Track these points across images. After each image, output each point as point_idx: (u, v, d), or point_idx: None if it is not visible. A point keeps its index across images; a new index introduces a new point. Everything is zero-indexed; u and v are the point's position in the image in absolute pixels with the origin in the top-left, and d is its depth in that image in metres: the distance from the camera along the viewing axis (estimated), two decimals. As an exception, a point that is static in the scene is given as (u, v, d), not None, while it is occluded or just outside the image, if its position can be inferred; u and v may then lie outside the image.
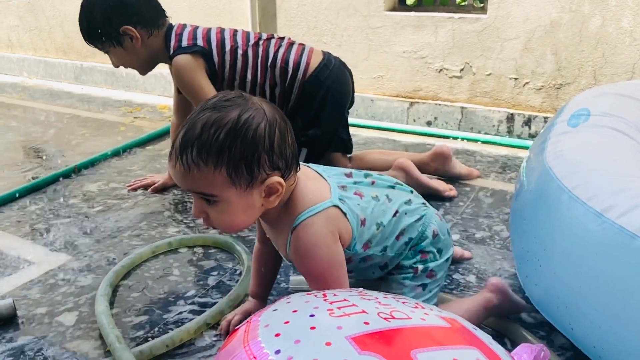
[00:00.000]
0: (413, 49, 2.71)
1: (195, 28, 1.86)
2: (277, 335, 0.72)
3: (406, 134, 2.66)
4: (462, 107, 2.66)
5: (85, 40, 1.81)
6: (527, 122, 2.53)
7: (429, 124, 2.75)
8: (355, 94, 2.86)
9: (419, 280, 1.17)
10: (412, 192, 1.23)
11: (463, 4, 2.74)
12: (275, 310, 0.80)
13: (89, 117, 3.15)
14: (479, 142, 2.51)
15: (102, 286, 1.42)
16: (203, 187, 0.95)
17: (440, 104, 2.70)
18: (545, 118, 2.48)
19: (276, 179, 0.97)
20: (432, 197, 1.92)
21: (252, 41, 1.86)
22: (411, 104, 2.77)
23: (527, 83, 2.52)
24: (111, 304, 1.39)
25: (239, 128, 0.92)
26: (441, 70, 2.68)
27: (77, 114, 3.20)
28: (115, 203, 1.99)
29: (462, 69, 2.63)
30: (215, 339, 1.26)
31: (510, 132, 2.58)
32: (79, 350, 1.24)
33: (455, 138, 2.57)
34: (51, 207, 1.97)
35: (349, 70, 2.00)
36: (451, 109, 2.68)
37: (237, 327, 0.81)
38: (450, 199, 1.92)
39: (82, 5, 1.79)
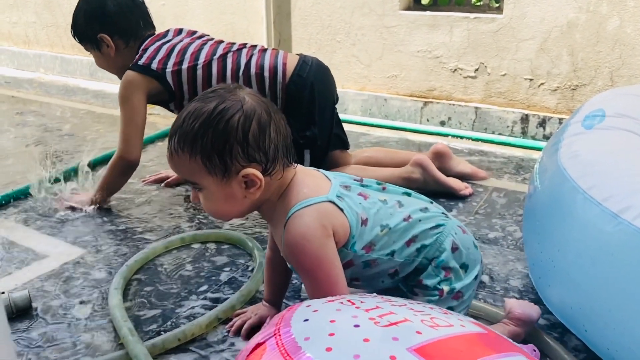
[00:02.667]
0: (427, 49, 2.70)
1: (162, 45, 1.85)
2: (329, 349, 0.66)
3: (419, 134, 2.66)
4: (476, 108, 2.64)
5: (73, 36, 1.91)
6: (542, 123, 2.51)
7: (442, 124, 2.74)
8: (369, 92, 2.88)
9: (445, 303, 1.08)
10: (431, 202, 1.16)
11: (479, 3, 2.73)
12: (307, 320, 0.75)
13: (104, 113, 3.17)
14: (493, 143, 2.50)
15: (115, 280, 1.43)
16: (185, 174, 1.01)
17: (454, 104, 2.69)
18: (560, 119, 2.46)
19: (251, 171, 0.97)
20: (448, 195, 1.91)
21: (218, 54, 1.84)
22: (425, 103, 2.76)
23: (542, 84, 2.50)
24: (124, 297, 1.40)
25: (212, 119, 0.96)
26: (456, 70, 2.67)
27: (92, 109, 3.23)
28: (129, 198, 2.00)
29: (476, 69, 2.62)
30: (227, 333, 1.27)
31: (524, 133, 2.56)
32: (92, 342, 1.25)
33: (468, 138, 2.56)
34: (66, 201, 1.99)
35: (327, 68, 1.97)
36: (465, 109, 2.67)
37: (260, 342, 0.75)
38: (465, 197, 1.91)
39: (76, 5, 1.89)
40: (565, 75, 2.44)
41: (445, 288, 1.07)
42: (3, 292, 1.35)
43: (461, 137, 2.58)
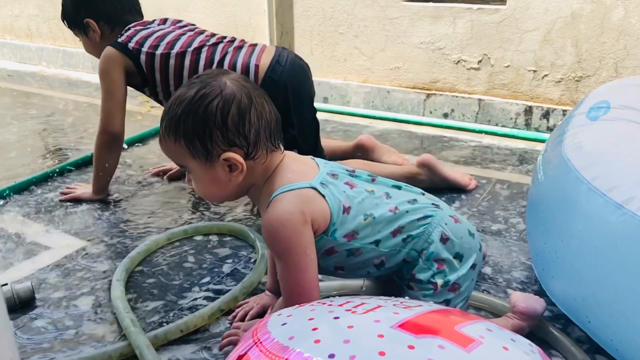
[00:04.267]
0: (431, 40, 2.69)
1: (142, 30, 1.84)
2: (317, 341, 0.67)
3: (422, 126, 2.65)
4: (480, 99, 2.63)
5: (62, 21, 1.94)
6: (546, 115, 2.50)
7: (445, 116, 2.72)
8: (372, 85, 2.87)
9: (440, 296, 1.06)
10: (422, 194, 1.14)
11: (482, -6, 2.71)
12: (285, 324, 0.75)
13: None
14: (496, 135, 2.49)
15: (118, 271, 1.43)
16: (173, 157, 1.05)
17: (457, 96, 2.68)
18: (564, 111, 2.44)
19: (232, 155, 0.99)
20: (452, 188, 1.91)
21: (194, 46, 1.80)
22: (428, 95, 2.75)
23: (546, 75, 2.48)
24: (127, 289, 1.40)
25: (193, 104, 0.99)
26: (459, 61, 2.66)
27: (95, 102, 3.23)
28: (131, 190, 2.00)
29: (480, 61, 2.61)
30: (229, 325, 1.27)
31: (528, 125, 2.55)
32: (95, 333, 1.26)
33: (471, 130, 2.55)
34: (69, 193, 1.99)
35: (306, 64, 1.91)
36: (468, 101, 2.66)
37: (241, 354, 0.74)
38: (468, 191, 1.91)
39: None
40: (570, 66, 2.42)
41: (439, 281, 1.06)
42: (6, 284, 1.35)
43: (464, 129, 2.57)
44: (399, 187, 1.13)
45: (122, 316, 1.24)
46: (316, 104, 2.99)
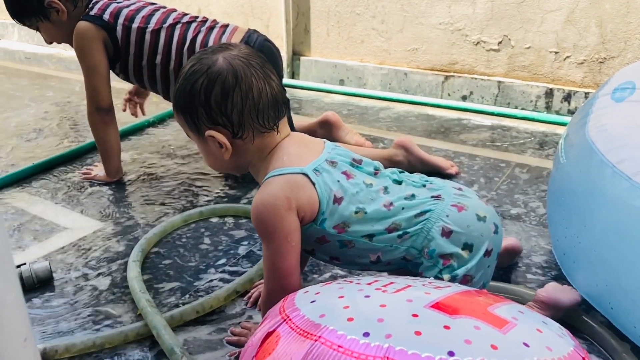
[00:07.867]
0: (450, 21, 2.63)
1: (111, 3, 1.79)
2: (350, 319, 0.66)
3: (441, 109, 2.61)
4: (499, 82, 2.58)
5: (13, 18, 1.78)
6: (567, 97, 2.44)
7: (464, 98, 2.68)
8: (389, 67, 2.83)
9: None
10: (423, 185, 1.08)
11: (503, -26, 2.64)
12: (314, 301, 0.74)
13: (123, 88, 3.16)
14: (516, 118, 2.44)
15: (134, 252, 1.43)
16: (181, 127, 1.08)
17: (476, 78, 2.63)
18: (586, 94, 2.39)
19: (214, 133, 0.99)
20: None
21: (168, 22, 1.79)
22: (446, 77, 2.70)
23: (568, 57, 2.42)
24: (143, 270, 1.40)
25: (184, 80, 1.01)
26: (478, 42, 2.60)
27: (111, 85, 3.23)
28: (148, 172, 2.01)
29: (500, 42, 2.55)
30: (245, 306, 1.27)
31: (548, 108, 2.50)
32: (111, 313, 1.26)
33: (491, 113, 2.51)
34: (86, 175, 2.00)
35: (276, 48, 1.88)
36: (488, 83, 2.61)
37: (270, 330, 0.72)
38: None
39: None
40: (593, 47, 2.36)
41: (446, 277, 1.01)
42: (25, 263, 1.37)
43: (483, 112, 2.52)
44: (399, 182, 1.08)
45: (138, 297, 1.25)
46: (332, 86, 2.97)
